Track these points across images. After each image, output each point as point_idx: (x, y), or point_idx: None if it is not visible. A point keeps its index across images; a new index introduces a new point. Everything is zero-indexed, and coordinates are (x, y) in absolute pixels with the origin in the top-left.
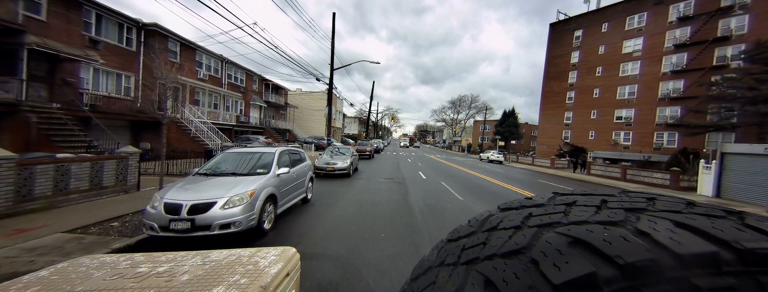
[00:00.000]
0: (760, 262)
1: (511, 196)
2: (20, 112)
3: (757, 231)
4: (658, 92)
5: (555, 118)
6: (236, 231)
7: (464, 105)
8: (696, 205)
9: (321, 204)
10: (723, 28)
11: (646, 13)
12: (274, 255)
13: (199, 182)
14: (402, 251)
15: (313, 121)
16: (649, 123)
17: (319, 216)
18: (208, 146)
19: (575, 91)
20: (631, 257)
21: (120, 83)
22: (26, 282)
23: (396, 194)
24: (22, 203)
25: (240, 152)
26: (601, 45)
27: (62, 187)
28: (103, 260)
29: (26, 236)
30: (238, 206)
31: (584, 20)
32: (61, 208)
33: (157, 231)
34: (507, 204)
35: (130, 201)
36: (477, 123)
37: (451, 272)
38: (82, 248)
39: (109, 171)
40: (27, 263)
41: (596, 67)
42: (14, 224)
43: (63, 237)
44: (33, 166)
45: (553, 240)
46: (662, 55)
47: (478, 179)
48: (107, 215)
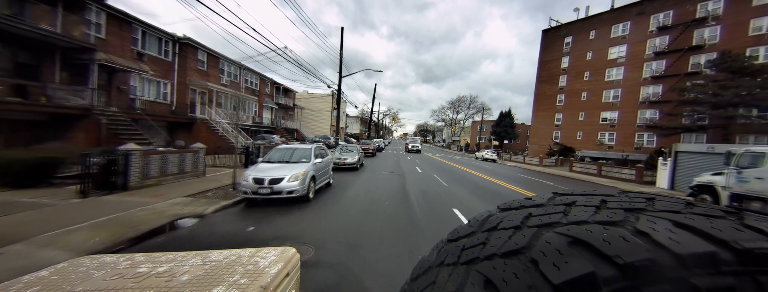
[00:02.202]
0: (758, 262)
1: (487, 185)
2: (92, 115)
3: (755, 231)
4: (639, 96)
5: (546, 119)
6: (296, 196)
7: (463, 105)
8: (695, 205)
9: (340, 187)
10: (697, 37)
11: (630, 23)
12: (274, 255)
13: (267, 166)
14: (399, 211)
15: (319, 121)
16: (631, 124)
17: (341, 194)
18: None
19: (565, 94)
20: (631, 257)
21: (159, 89)
22: (26, 282)
23: (396, 182)
24: (144, 179)
25: (287, 148)
26: (589, 51)
27: (164, 171)
28: (103, 260)
29: (163, 199)
30: (296, 180)
31: (574, 28)
32: (165, 185)
33: (249, 194)
34: (507, 204)
35: (205, 182)
36: (475, 123)
37: (451, 272)
38: (204, 203)
39: (188, 161)
40: (176, 210)
41: (584, 71)
42: (148, 193)
43: (185, 199)
44: (150, 155)
45: (553, 240)
46: (643, 61)
47: (465, 173)
48: (200, 189)
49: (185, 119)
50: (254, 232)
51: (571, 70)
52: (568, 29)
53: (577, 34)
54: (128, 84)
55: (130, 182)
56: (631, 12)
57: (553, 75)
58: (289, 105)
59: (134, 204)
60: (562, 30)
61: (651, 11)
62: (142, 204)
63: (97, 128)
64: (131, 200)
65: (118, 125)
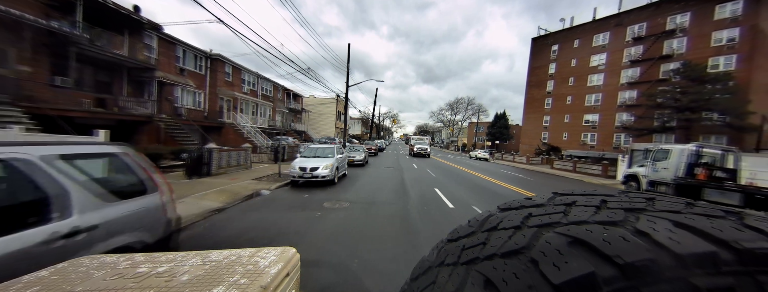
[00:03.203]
0: (758, 262)
1: (467, 176)
2: (153, 121)
3: (756, 231)
4: (617, 100)
5: (535, 121)
6: (327, 179)
7: (461, 107)
8: (695, 205)
9: (353, 177)
10: (667, 47)
11: (609, 33)
12: (274, 255)
13: (305, 160)
14: (398, 189)
15: (324, 123)
16: (610, 126)
17: (355, 180)
18: (257, 144)
19: (552, 97)
20: (631, 257)
21: (195, 98)
22: (26, 282)
23: (395, 174)
24: (218, 169)
25: (315, 147)
26: (573, 58)
27: (228, 163)
28: (103, 260)
29: (238, 181)
30: (327, 169)
31: (560, 36)
32: (231, 173)
33: (296, 177)
34: (507, 204)
35: (255, 172)
36: (471, 124)
37: (451, 271)
38: (266, 184)
39: (241, 157)
40: (253, 187)
41: (569, 77)
42: (226, 177)
43: (252, 182)
44: (222, 152)
45: (553, 240)
46: (621, 68)
47: (454, 168)
48: (257, 176)
49: (216, 123)
50: (309, 197)
51: (557, 75)
52: (554, 38)
53: (563, 42)
54: (173, 95)
55: (211, 170)
56: (610, 23)
57: (542, 80)
58: (297, 109)
59: (223, 183)
60: (549, 38)
61: (627, 23)
62: (228, 183)
63: (157, 132)
64: (219, 181)
65: (172, 129)
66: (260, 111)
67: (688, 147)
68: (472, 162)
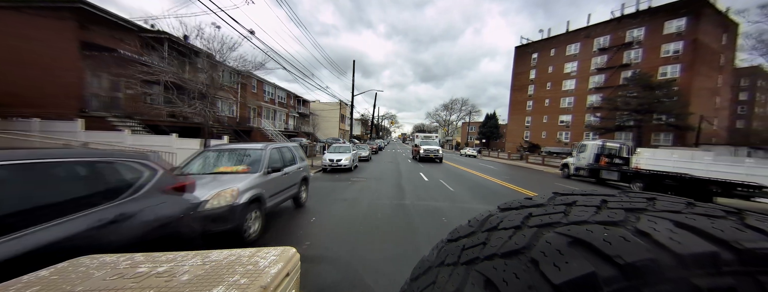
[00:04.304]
0: (759, 262)
1: (448, 167)
2: (208, 127)
3: (756, 231)
4: (586, 103)
5: (519, 121)
6: (347, 167)
7: (456, 108)
8: (696, 205)
9: (362, 168)
10: (626, 57)
11: (579, 44)
12: (274, 255)
13: (331, 154)
14: (396, 173)
15: (328, 125)
16: (581, 125)
17: (364, 169)
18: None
19: (532, 100)
20: (631, 257)
21: (231, 107)
22: (26, 282)
23: (394, 166)
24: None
25: (337, 145)
26: (550, 65)
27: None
28: (103, 260)
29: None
30: (347, 160)
31: (539, 45)
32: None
33: (327, 166)
34: (507, 204)
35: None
36: (464, 124)
37: (451, 272)
38: (314, 169)
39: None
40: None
41: (547, 82)
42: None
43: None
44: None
45: (553, 240)
46: (589, 75)
47: (443, 163)
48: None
49: (246, 128)
50: (339, 177)
51: (536, 80)
52: (534, 47)
53: (541, 51)
54: (217, 105)
55: None
56: (580, 35)
57: (524, 84)
58: (306, 113)
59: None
60: (529, 47)
61: (594, 35)
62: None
63: (210, 134)
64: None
65: (219, 132)
66: (277, 116)
67: (597, 143)
68: (460, 158)
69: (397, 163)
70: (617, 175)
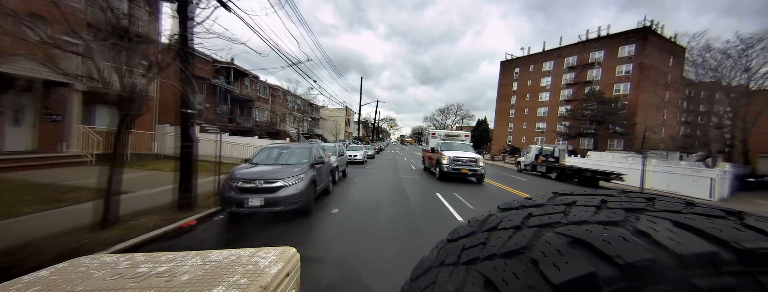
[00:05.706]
0: (759, 262)
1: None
2: (255, 130)
3: (756, 231)
4: (558, 113)
5: (503, 127)
6: (360, 161)
7: (451, 112)
8: (696, 205)
9: (371, 163)
10: (590, 75)
11: (553, 62)
12: (274, 255)
13: (350, 150)
14: (395, 165)
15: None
16: (553, 132)
17: (373, 163)
18: None
19: (514, 109)
20: (631, 257)
21: (263, 114)
22: (26, 282)
23: (392, 161)
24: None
25: (353, 145)
26: (529, 79)
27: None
28: (103, 260)
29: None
30: (361, 156)
31: (520, 61)
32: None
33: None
34: (507, 204)
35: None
36: (458, 128)
37: (451, 272)
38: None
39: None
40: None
41: (526, 93)
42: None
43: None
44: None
45: (553, 240)
46: (560, 89)
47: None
48: None
49: (275, 131)
50: (357, 167)
51: (518, 92)
52: (516, 62)
53: (522, 66)
54: (255, 114)
55: None
56: (554, 54)
57: (507, 95)
58: (317, 117)
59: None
60: (513, 63)
61: (565, 55)
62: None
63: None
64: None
65: (260, 135)
66: (296, 120)
67: (537, 146)
68: None
69: (395, 161)
70: (546, 168)
